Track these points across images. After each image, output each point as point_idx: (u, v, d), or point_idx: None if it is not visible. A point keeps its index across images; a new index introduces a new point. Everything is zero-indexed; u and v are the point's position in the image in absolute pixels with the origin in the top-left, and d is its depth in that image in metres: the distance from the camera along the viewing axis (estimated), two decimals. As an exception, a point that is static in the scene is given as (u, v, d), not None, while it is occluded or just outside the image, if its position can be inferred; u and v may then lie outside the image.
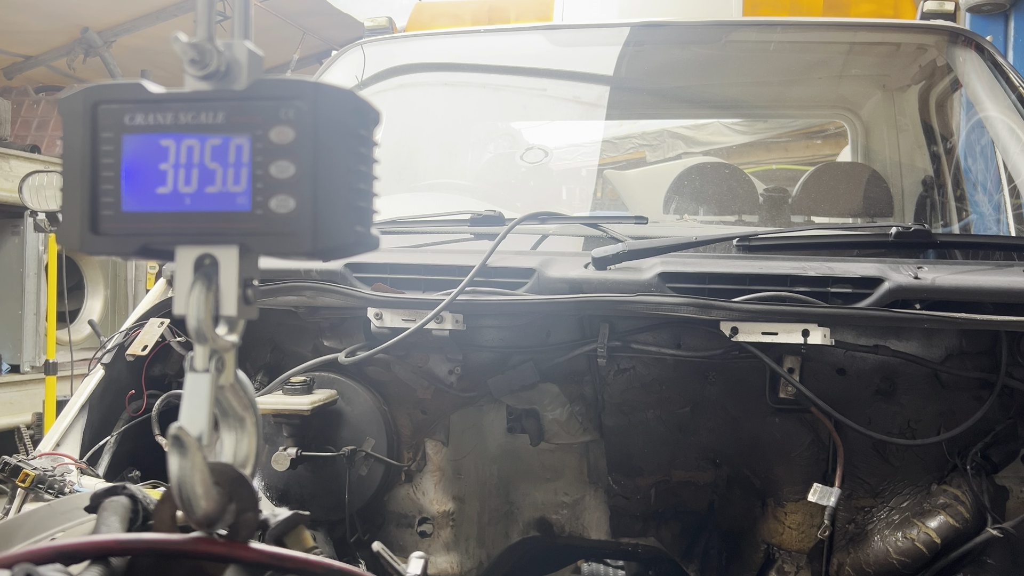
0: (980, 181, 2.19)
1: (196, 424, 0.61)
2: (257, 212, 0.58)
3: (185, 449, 0.60)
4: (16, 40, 6.97)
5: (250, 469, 0.66)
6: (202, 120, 0.59)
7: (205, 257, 0.60)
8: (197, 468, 0.60)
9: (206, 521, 0.62)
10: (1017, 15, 4.29)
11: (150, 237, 0.60)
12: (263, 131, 0.58)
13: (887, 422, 1.64)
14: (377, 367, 1.76)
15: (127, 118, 0.60)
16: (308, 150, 0.58)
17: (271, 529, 0.71)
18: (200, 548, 0.62)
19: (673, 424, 1.80)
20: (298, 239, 0.58)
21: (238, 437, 0.66)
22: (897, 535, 1.61)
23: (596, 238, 1.82)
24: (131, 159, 0.59)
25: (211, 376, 0.62)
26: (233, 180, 0.58)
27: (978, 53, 2.18)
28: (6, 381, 5.71)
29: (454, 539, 1.84)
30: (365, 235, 0.61)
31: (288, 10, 6.75)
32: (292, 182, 0.57)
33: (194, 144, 0.59)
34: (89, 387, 1.78)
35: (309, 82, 0.58)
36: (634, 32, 2.44)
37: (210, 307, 0.60)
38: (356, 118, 0.60)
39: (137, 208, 0.59)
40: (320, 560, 0.65)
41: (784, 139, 6.12)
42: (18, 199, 4.85)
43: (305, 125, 0.58)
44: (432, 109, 2.80)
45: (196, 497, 0.61)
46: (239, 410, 0.65)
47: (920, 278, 1.46)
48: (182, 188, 0.59)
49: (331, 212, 0.58)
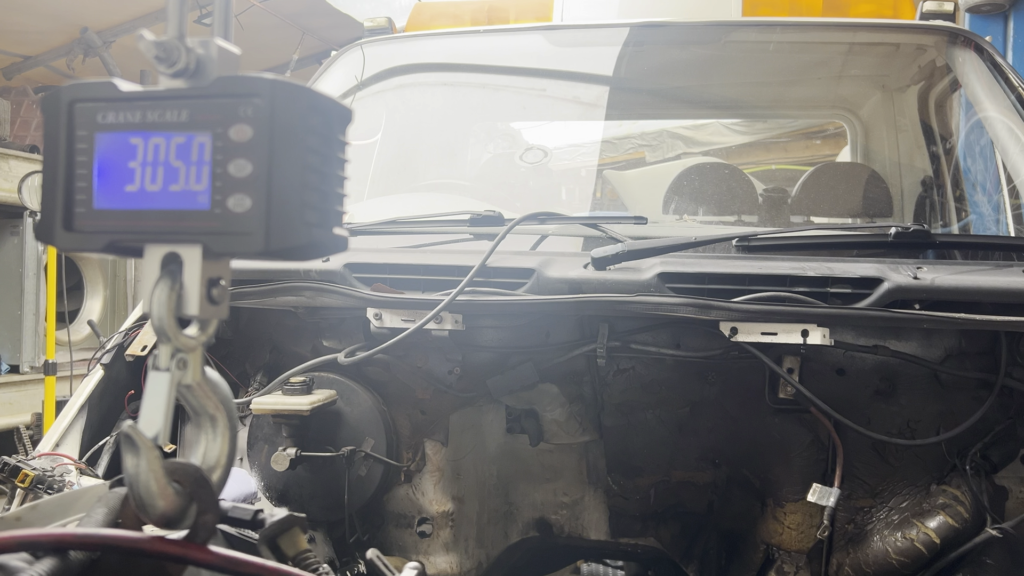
0: (979, 181, 2.19)
1: (153, 423, 0.61)
2: (216, 211, 0.57)
3: (137, 448, 0.60)
4: (16, 40, 6.96)
5: (221, 471, 0.65)
6: (167, 118, 0.59)
7: (171, 256, 0.60)
8: (151, 468, 0.60)
9: (163, 521, 0.62)
10: (1016, 15, 4.29)
11: (118, 235, 0.60)
12: (223, 129, 0.57)
13: (886, 422, 1.64)
14: (376, 367, 1.76)
15: (100, 116, 0.60)
16: (264, 149, 0.57)
17: (265, 529, 0.71)
18: (155, 548, 0.62)
19: (672, 424, 1.80)
20: (252, 239, 0.57)
21: (209, 437, 0.65)
22: (896, 535, 1.61)
23: (595, 238, 1.82)
24: (104, 157, 0.60)
25: (171, 375, 0.61)
26: (195, 179, 0.58)
27: (977, 53, 2.18)
28: (5, 381, 5.71)
29: (453, 539, 1.84)
30: (326, 236, 0.60)
31: (288, 10, 6.74)
32: (249, 181, 0.57)
33: (160, 142, 0.59)
34: (88, 387, 1.78)
35: (267, 79, 0.58)
36: (633, 32, 2.44)
37: (173, 306, 0.60)
38: (318, 117, 0.59)
39: (107, 206, 0.60)
40: (277, 567, 0.64)
41: (783, 139, 6.12)
42: (17, 199, 4.86)
43: (262, 123, 0.57)
44: (432, 109, 2.81)
45: (151, 496, 0.60)
46: (210, 409, 0.65)
47: (919, 278, 1.46)
48: (148, 186, 0.59)
49: (285, 212, 0.57)
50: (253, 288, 1.67)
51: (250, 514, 0.72)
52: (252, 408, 1.65)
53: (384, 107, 2.72)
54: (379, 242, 1.88)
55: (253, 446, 1.76)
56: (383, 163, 2.72)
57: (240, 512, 0.72)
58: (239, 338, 1.87)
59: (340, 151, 0.61)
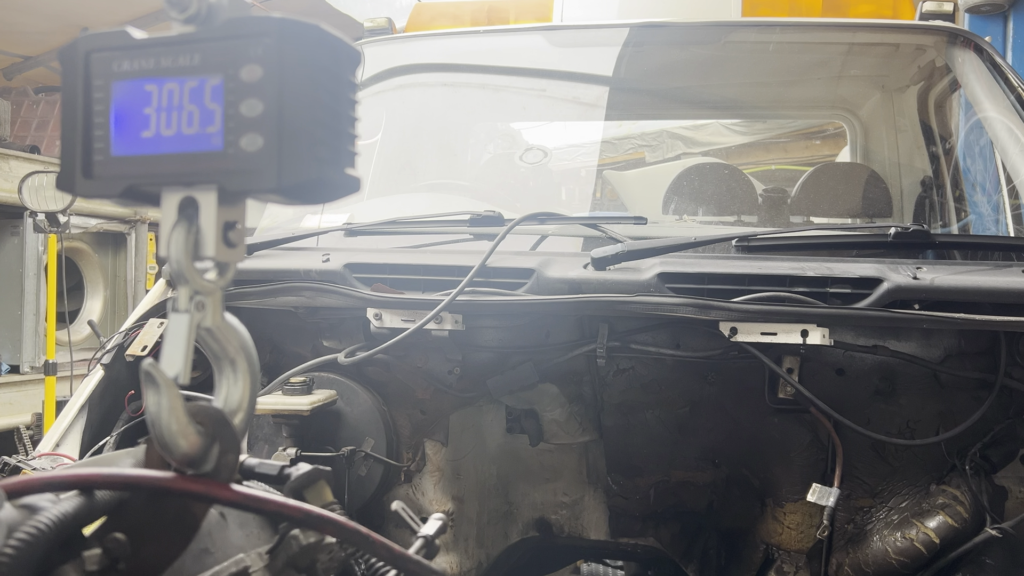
0: (979, 181, 2.19)
1: (174, 364, 0.62)
2: (229, 151, 0.58)
3: (158, 386, 0.60)
4: (16, 40, 6.97)
5: (243, 414, 0.66)
6: (180, 63, 0.60)
7: (188, 201, 0.61)
8: (172, 406, 0.61)
9: (186, 461, 0.62)
10: (1016, 16, 4.30)
11: (135, 180, 0.61)
12: (234, 70, 0.58)
13: (886, 422, 1.64)
14: (376, 367, 1.77)
15: (115, 65, 0.61)
16: (275, 87, 0.58)
17: (291, 482, 0.71)
18: (179, 486, 0.62)
19: (672, 424, 1.80)
20: (265, 176, 0.58)
21: (230, 381, 0.66)
22: (896, 535, 1.61)
23: (595, 238, 1.82)
24: (120, 105, 0.61)
25: (190, 317, 0.62)
26: (208, 121, 0.59)
27: (977, 54, 2.18)
28: (6, 381, 5.71)
29: (453, 539, 1.84)
30: (337, 174, 0.60)
31: (288, 10, 6.75)
32: (260, 120, 0.58)
33: (174, 87, 0.60)
34: (89, 387, 1.78)
35: (275, 18, 0.58)
36: (633, 33, 2.44)
37: (190, 248, 0.61)
38: (327, 55, 0.60)
39: (125, 152, 0.61)
40: (299, 505, 0.65)
41: (783, 139, 6.13)
42: (17, 199, 4.86)
43: (272, 62, 0.58)
44: (432, 110, 2.81)
45: (172, 435, 0.61)
46: (231, 353, 0.66)
47: (919, 278, 1.46)
48: (164, 131, 0.60)
49: (296, 149, 0.57)
50: (253, 288, 1.68)
51: (276, 469, 0.73)
52: (252, 408, 1.65)
53: (384, 107, 2.72)
54: (379, 242, 1.89)
55: (253, 446, 1.76)
56: (383, 163, 2.72)
57: (266, 468, 0.73)
58: (239, 338, 1.87)
59: (350, 91, 0.62)
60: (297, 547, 0.69)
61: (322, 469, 0.72)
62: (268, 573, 0.69)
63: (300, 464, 0.73)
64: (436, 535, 0.80)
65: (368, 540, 0.66)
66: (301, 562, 0.69)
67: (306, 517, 0.65)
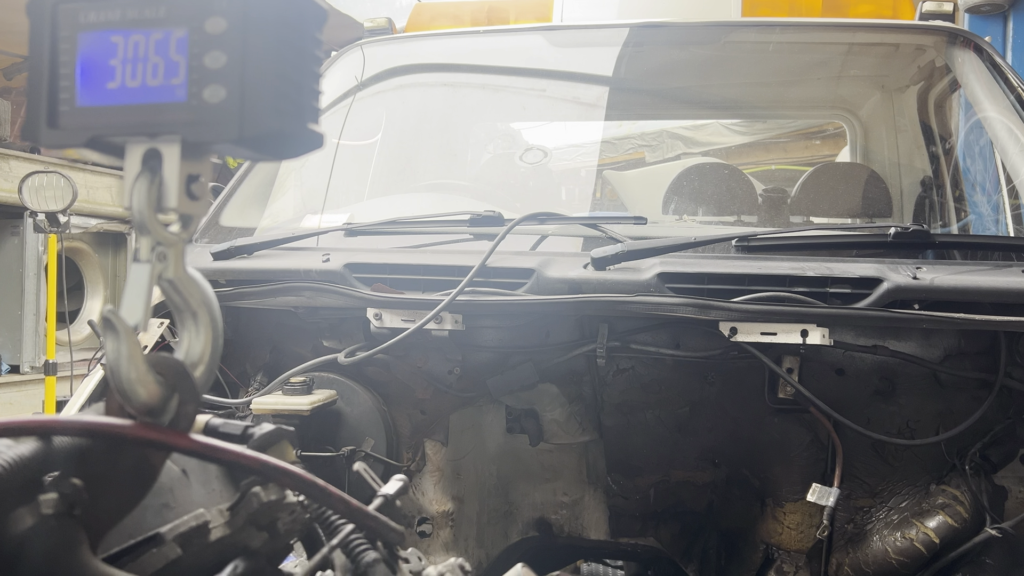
0: (979, 181, 2.19)
1: (134, 312, 0.62)
2: (192, 103, 0.59)
3: (117, 333, 0.61)
4: (16, 40, 6.97)
5: (204, 367, 0.66)
6: (146, 15, 0.61)
7: (152, 152, 0.62)
8: (131, 353, 0.61)
9: (145, 410, 0.63)
10: (1015, 16, 4.30)
11: (99, 130, 0.62)
12: (199, 22, 0.59)
13: (886, 422, 1.64)
14: (376, 367, 1.76)
15: (82, 16, 0.62)
16: (238, 40, 0.59)
17: (254, 441, 0.72)
18: (136, 433, 0.62)
19: (672, 424, 1.80)
20: (227, 127, 0.59)
21: (192, 334, 0.67)
22: (896, 535, 1.61)
23: (595, 238, 1.82)
24: (86, 56, 0.62)
25: (151, 267, 0.63)
26: (173, 72, 0.60)
27: (977, 54, 2.18)
28: (6, 381, 5.71)
29: (453, 539, 1.84)
30: (299, 128, 0.61)
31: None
32: (224, 71, 0.59)
33: (140, 39, 0.61)
34: (89, 387, 1.78)
35: None
36: (633, 33, 2.44)
37: (152, 199, 0.61)
38: (292, 10, 0.61)
39: (90, 103, 0.62)
40: (255, 455, 0.65)
41: (783, 140, 6.13)
42: (18, 199, 4.86)
43: (236, 14, 0.59)
44: (432, 110, 2.81)
45: (131, 383, 0.61)
46: (192, 305, 0.66)
47: (919, 278, 1.46)
48: (129, 83, 0.61)
49: (258, 101, 0.59)
50: (253, 288, 1.68)
51: (240, 428, 0.73)
52: (252, 408, 1.65)
53: (384, 107, 2.72)
54: (379, 242, 1.89)
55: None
56: (383, 163, 2.72)
57: (230, 427, 0.74)
58: (239, 338, 1.87)
59: (315, 47, 0.63)
60: (258, 503, 0.69)
61: (285, 429, 0.73)
62: (228, 529, 0.69)
63: (263, 424, 0.74)
64: (396, 495, 0.81)
65: (325, 493, 0.67)
66: (262, 519, 0.70)
67: (262, 467, 0.65)
